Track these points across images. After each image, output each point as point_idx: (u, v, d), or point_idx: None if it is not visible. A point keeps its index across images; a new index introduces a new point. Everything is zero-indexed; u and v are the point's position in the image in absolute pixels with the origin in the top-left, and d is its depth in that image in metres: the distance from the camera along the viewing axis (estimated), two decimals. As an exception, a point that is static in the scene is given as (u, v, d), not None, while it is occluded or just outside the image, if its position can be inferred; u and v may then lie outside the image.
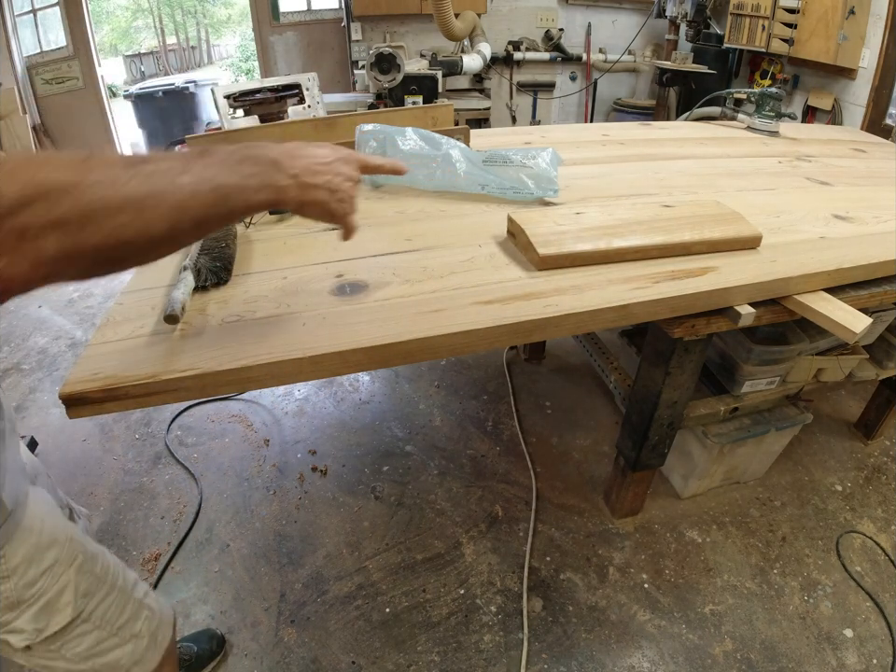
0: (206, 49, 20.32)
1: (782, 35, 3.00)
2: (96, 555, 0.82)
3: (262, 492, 1.76)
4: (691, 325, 1.08)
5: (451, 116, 1.60)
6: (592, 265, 1.05)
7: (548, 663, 1.33)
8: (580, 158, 1.71)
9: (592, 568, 1.54)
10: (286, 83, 1.58)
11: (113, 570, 0.85)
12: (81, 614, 0.77)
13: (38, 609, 0.72)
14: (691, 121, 2.44)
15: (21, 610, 0.70)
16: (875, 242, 1.21)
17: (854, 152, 1.98)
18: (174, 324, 0.82)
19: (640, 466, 1.49)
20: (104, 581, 0.82)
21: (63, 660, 0.78)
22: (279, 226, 1.22)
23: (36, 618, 0.72)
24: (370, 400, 2.16)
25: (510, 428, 2.02)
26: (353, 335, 0.83)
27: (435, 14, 3.07)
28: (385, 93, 3.10)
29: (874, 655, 1.35)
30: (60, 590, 0.74)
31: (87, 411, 0.73)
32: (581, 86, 4.45)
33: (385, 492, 1.76)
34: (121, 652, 0.84)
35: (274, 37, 4.06)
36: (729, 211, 1.20)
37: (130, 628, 0.85)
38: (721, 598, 1.47)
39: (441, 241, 1.14)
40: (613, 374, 1.67)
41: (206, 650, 1.28)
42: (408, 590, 1.48)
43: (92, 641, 0.80)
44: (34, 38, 3.37)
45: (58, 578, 0.73)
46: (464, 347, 0.88)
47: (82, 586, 0.76)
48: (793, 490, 1.79)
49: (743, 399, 1.49)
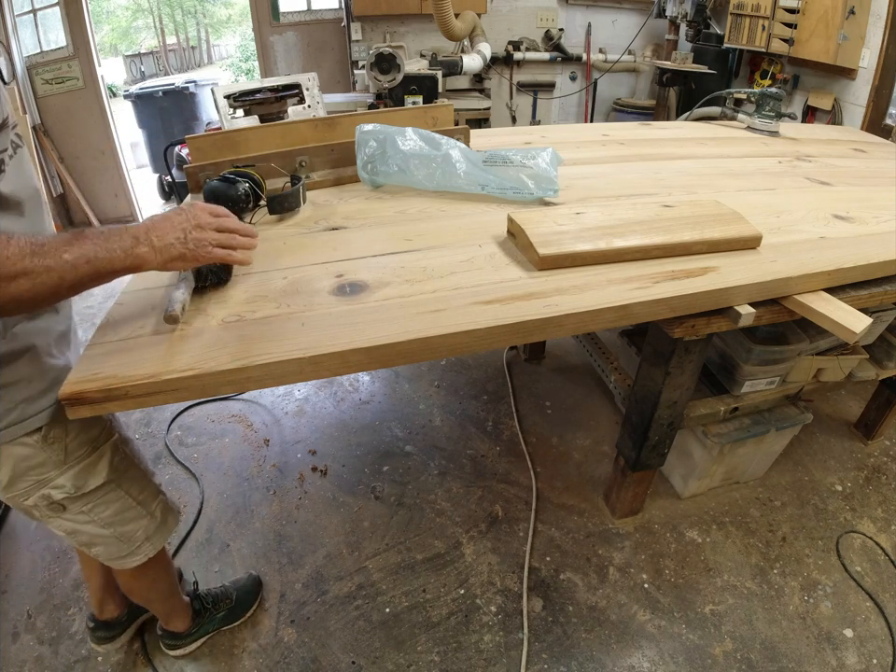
0: (206, 49, 20.33)
1: (782, 35, 3.00)
2: (128, 439, 1.00)
3: (262, 492, 1.76)
4: (691, 325, 1.08)
5: (451, 116, 1.60)
6: (592, 265, 1.05)
7: (548, 663, 1.33)
8: (580, 158, 1.71)
9: (592, 568, 1.54)
10: (286, 83, 1.58)
11: (138, 455, 1.02)
12: (112, 482, 0.93)
13: (79, 469, 0.88)
14: (691, 121, 2.44)
15: (64, 469, 0.86)
16: (875, 242, 1.21)
17: (854, 152, 1.98)
18: (174, 324, 0.82)
19: (640, 466, 1.49)
20: (130, 459, 0.98)
21: (91, 523, 0.93)
22: (279, 226, 1.22)
23: (76, 476, 0.87)
24: (370, 400, 2.16)
25: (510, 428, 2.02)
26: (353, 335, 0.83)
27: (435, 14, 3.06)
28: (385, 93, 3.10)
29: (874, 655, 1.35)
30: (98, 458, 0.90)
31: (87, 411, 0.73)
32: (581, 86, 4.45)
33: (385, 492, 1.76)
34: (138, 525, 1.00)
35: (274, 37, 4.06)
36: (729, 211, 1.20)
37: (147, 505, 1.02)
38: (720, 598, 1.47)
39: (441, 241, 1.14)
40: (613, 374, 1.67)
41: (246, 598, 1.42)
42: (408, 590, 1.48)
43: (117, 508, 0.96)
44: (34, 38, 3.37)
45: (98, 447, 0.90)
46: (464, 347, 0.88)
47: (115, 459, 0.92)
48: (793, 490, 1.79)
49: (743, 399, 1.49)
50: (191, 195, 1.33)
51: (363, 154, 1.36)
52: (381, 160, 1.35)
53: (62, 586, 1.48)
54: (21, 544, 1.59)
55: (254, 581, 1.46)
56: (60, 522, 0.92)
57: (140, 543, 1.02)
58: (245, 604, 1.41)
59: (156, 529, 1.04)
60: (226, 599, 1.39)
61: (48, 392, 0.80)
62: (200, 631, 1.34)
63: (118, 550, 1.00)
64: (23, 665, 1.31)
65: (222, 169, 1.25)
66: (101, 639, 1.30)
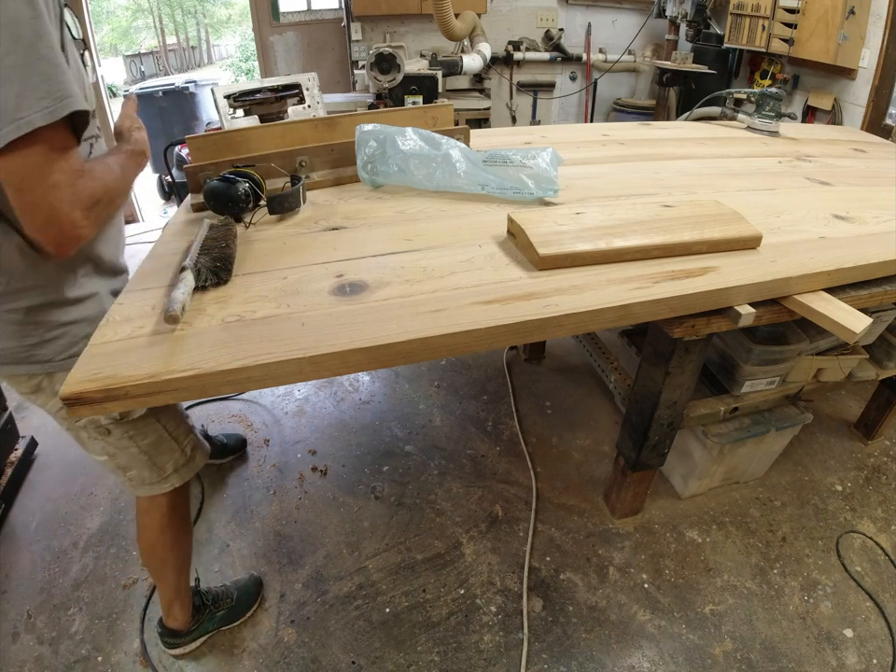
0: (206, 49, 20.34)
1: (782, 35, 3.00)
2: None
3: (262, 492, 1.76)
4: (691, 325, 1.08)
5: (451, 116, 1.60)
6: (592, 265, 1.05)
7: (548, 663, 1.33)
8: (580, 158, 1.71)
9: (592, 568, 1.54)
10: (286, 83, 1.58)
11: None
12: (151, 415, 1.03)
13: None
14: (691, 121, 2.44)
15: None
16: (875, 242, 1.21)
17: (854, 152, 1.98)
18: (174, 324, 0.82)
19: (640, 466, 1.49)
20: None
21: (134, 447, 1.05)
22: (279, 226, 1.22)
23: None
24: (370, 400, 2.16)
25: (510, 428, 2.02)
26: (353, 335, 0.83)
27: (435, 14, 3.07)
28: (385, 93, 3.10)
29: (874, 655, 1.35)
30: None
31: (87, 411, 0.73)
32: (581, 86, 4.45)
33: (385, 492, 1.76)
34: (171, 457, 1.11)
35: (274, 37, 4.06)
36: (729, 211, 1.20)
37: (180, 441, 1.12)
38: (721, 598, 1.47)
39: (441, 241, 1.14)
40: (613, 374, 1.67)
41: (246, 598, 1.44)
42: (408, 590, 1.48)
43: (154, 440, 1.06)
44: (34, 38, 3.39)
45: None
46: (464, 347, 0.88)
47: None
48: (793, 490, 1.79)
49: (743, 399, 1.49)
50: (191, 195, 1.33)
51: (363, 154, 1.36)
52: (381, 160, 1.35)
53: (62, 586, 1.48)
54: (21, 544, 1.59)
55: (255, 581, 1.47)
56: (104, 444, 1.04)
57: (169, 474, 1.12)
58: (245, 604, 1.42)
59: (185, 463, 1.14)
60: (226, 598, 1.40)
61: None
62: (199, 629, 1.35)
63: (150, 475, 1.10)
64: (23, 665, 1.31)
65: (222, 169, 1.24)
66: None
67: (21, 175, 0.71)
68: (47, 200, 0.73)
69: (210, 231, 1.08)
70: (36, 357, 0.92)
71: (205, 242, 1.04)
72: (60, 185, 0.73)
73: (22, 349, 0.91)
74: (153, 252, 1.12)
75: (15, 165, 0.70)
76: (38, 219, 0.74)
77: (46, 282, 0.88)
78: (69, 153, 0.75)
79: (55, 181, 0.73)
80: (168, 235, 1.20)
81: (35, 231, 0.76)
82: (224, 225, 1.12)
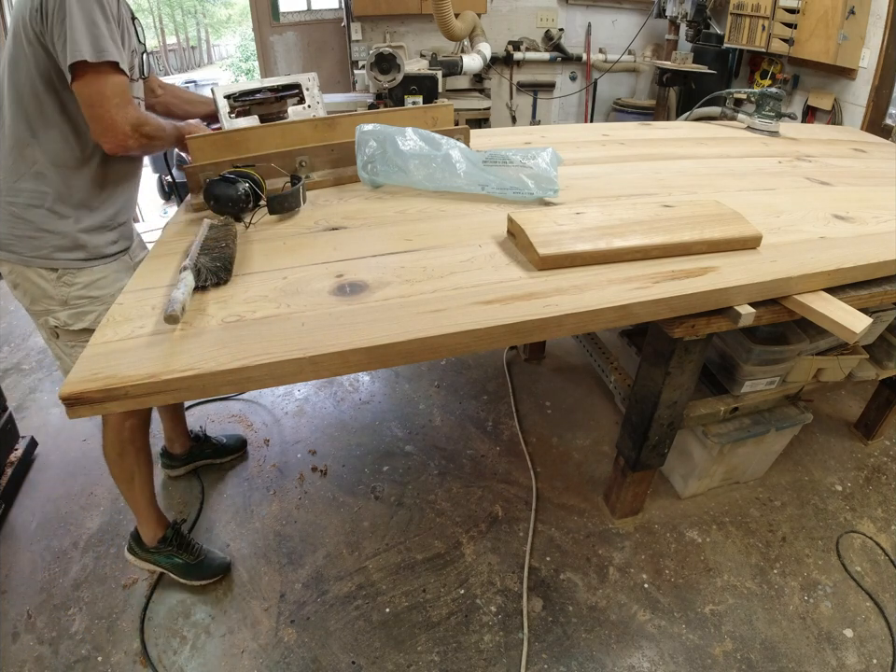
0: (206, 49, 20.34)
1: (782, 35, 3.00)
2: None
3: (262, 492, 1.76)
4: (691, 325, 1.08)
5: (451, 116, 1.60)
6: (592, 265, 1.05)
7: (548, 663, 1.33)
8: (580, 158, 1.71)
9: (592, 568, 1.54)
10: (286, 83, 1.58)
11: None
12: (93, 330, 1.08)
13: (74, 312, 1.21)
14: (691, 121, 2.44)
15: (64, 308, 1.20)
16: (875, 242, 1.21)
17: (854, 152, 1.98)
18: (174, 324, 0.82)
19: (640, 466, 1.49)
20: None
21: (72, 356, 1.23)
22: (279, 226, 1.22)
23: (70, 316, 1.21)
24: (370, 400, 2.16)
25: (510, 428, 2.02)
26: (353, 335, 0.83)
27: (435, 14, 3.07)
28: (385, 93, 3.10)
29: (874, 655, 1.35)
30: (90, 311, 1.21)
31: (87, 411, 0.73)
32: (581, 86, 4.45)
33: (385, 492, 1.76)
34: None
35: (274, 37, 4.06)
36: (729, 211, 1.20)
37: None
38: (721, 598, 1.47)
39: (441, 241, 1.14)
40: (613, 374, 1.67)
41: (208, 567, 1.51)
42: (408, 590, 1.48)
43: None
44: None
45: (95, 306, 1.22)
46: (464, 347, 0.88)
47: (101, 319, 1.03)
48: (793, 490, 1.79)
49: (743, 399, 1.49)
50: (191, 195, 1.33)
51: (363, 154, 1.36)
52: (381, 160, 1.35)
53: (62, 586, 1.48)
54: (21, 544, 1.59)
55: (224, 563, 1.52)
56: (54, 346, 1.26)
57: None
58: (203, 570, 1.48)
59: None
60: (193, 553, 1.47)
61: (72, 250, 1.17)
62: (155, 557, 1.47)
63: None
64: (23, 664, 1.31)
65: (222, 169, 1.25)
66: (167, 466, 1.78)
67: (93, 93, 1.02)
68: (109, 113, 1.04)
69: (210, 231, 1.09)
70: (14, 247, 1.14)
71: (205, 242, 1.04)
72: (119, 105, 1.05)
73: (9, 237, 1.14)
74: (153, 252, 1.12)
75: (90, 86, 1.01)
76: (100, 125, 1.05)
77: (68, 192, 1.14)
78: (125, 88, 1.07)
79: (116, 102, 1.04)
80: (168, 235, 1.20)
81: (97, 134, 1.07)
82: (224, 225, 1.12)
